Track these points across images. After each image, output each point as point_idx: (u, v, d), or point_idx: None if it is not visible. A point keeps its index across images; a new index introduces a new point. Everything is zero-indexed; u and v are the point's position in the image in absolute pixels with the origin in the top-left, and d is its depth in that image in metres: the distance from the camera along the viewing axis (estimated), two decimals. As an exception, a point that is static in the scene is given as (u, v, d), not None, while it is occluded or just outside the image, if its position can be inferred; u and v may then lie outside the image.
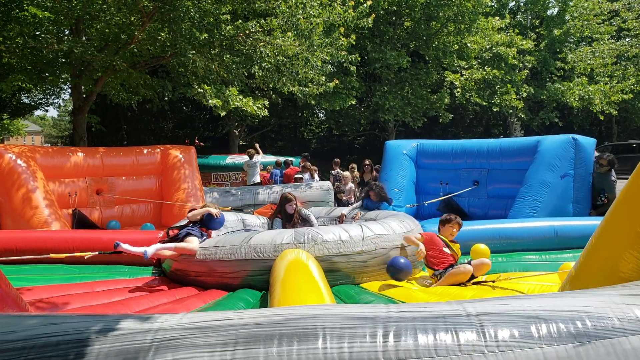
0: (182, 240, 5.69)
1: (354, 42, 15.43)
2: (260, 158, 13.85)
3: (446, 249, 5.61)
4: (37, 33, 11.31)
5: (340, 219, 7.88)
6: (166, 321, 1.80)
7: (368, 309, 1.86)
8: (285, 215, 7.24)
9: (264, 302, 4.76)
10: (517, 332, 1.69)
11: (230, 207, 9.71)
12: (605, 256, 2.35)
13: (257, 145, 13.91)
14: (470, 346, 1.65)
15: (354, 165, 13.31)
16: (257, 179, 13.53)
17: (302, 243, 5.18)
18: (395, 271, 5.22)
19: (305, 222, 7.18)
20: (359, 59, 18.43)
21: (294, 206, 7.20)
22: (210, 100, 12.09)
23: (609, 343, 1.67)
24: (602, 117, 25.60)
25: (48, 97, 24.88)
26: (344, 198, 11.60)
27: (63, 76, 14.09)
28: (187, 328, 1.75)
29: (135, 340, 1.70)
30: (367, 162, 11.79)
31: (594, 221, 6.52)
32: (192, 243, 5.58)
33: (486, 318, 1.75)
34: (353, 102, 21.67)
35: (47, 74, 13.27)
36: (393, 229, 5.74)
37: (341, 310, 1.83)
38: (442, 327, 1.72)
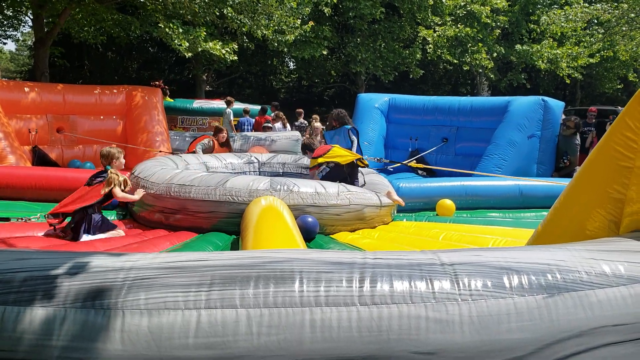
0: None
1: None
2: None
3: None
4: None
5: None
6: (139, 260, 1.75)
7: (344, 254, 1.86)
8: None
9: (234, 247, 4.77)
10: (490, 282, 1.72)
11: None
12: (573, 213, 2.38)
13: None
14: (444, 294, 1.67)
15: (317, 116, 13.25)
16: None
17: (278, 191, 5.22)
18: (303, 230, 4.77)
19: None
20: (335, 1, 18.00)
21: (225, 135, 8.73)
22: (176, 41, 11.69)
23: (577, 295, 1.72)
24: (568, 81, 25.91)
25: (5, 29, 23.64)
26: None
27: (24, 4, 13.35)
28: (161, 267, 1.71)
29: (107, 279, 1.66)
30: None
31: (558, 182, 6.69)
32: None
33: (460, 268, 1.77)
34: (324, 53, 21.33)
35: (4, 3, 12.56)
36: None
37: (318, 255, 1.82)
38: (417, 274, 1.73)
